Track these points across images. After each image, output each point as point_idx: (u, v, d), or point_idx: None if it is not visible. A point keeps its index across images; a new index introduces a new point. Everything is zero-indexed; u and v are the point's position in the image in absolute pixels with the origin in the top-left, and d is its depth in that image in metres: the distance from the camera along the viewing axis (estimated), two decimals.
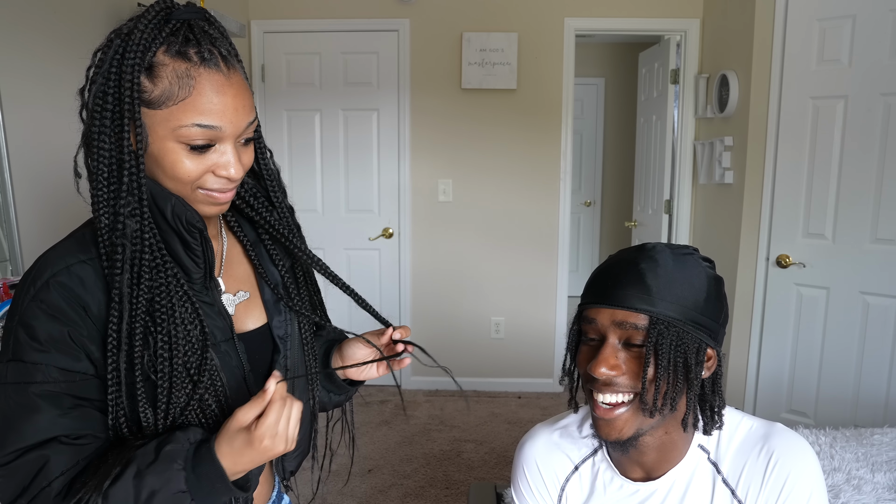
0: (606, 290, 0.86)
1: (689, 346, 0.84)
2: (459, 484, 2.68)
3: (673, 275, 0.84)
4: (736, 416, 0.94)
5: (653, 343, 0.82)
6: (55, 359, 0.71)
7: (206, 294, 0.81)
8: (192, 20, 0.73)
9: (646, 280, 0.84)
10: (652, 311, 0.83)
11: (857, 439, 1.81)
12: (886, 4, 2.41)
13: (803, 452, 0.88)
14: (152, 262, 0.74)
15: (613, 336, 0.85)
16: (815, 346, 2.73)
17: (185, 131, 0.71)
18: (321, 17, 3.50)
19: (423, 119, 3.56)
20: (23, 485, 0.68)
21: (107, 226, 0.73)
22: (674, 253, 0.87)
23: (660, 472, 0.92)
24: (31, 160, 1.87)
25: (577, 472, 1.00)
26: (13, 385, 0.70)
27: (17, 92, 1.81)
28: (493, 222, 3.64)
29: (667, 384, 0.83)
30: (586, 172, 5.98)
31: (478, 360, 3.73)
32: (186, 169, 0.74)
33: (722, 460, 0.91)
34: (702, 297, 0.85)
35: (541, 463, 1.02)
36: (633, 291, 0.84)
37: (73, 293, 0.72)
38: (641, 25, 3.49)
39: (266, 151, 0.89)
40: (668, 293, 0.83)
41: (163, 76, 0.70)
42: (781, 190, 2.76)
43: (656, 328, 0.82)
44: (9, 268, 1.75)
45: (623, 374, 0.84)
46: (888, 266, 2.49)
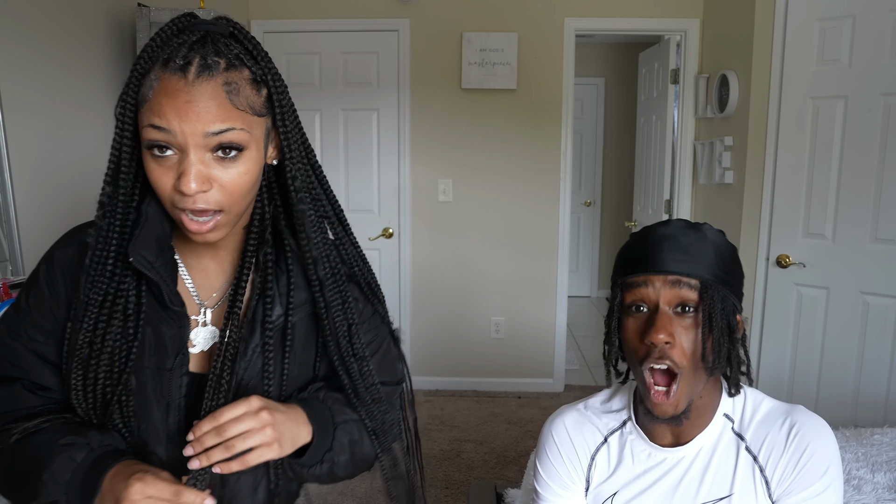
0: (654, 258, 0.89)
1: (729, 308, 0.89)
2: (459, 484, 2.68)
3: (706, 243, 0.89)
4: (759, 395, 0.98)
5: (708, 305, 0.86)
6: (31, 319, 0.81)
7: (176, 321, 0.80)
8: (211, 32, 0.74)
9: (688, 248, 0.88)
10: (702, 276, 0.87)
11: (857, 439, 1.81)
12: (886, 4, 2.41)
13: (823, 428, 0.91)
14: (114, 269, 0.77)
15: (665, 303, 0.88)
16: (815, 346, 2.73)
17: (144, 132, 0.72)
18: (321, 17, 3.50)
19: (423, 119, 3.56)
20: None
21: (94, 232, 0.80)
22: (693, 225, 0.92)
23: (688, 437, 0.95)
24: (31, 160, 1.87)
25: (606, 444, 1.02)
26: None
27: (17, 92, 1.81)
28: (493, 222, 3.64)
29: (719, 346, 0.87)
30: (586, 172, 5.98)
31: (478, 360, 3.74)
32: (155, 177, 0.74)
33: (746, 430, 0.94)
34: (730, 264, 0.91)
35: (572, 432, 1.04)
36: (681, 256, 0.88)
37: (65, 269, 0.81)
38: (641, 25, 3.49)
39: (295, 185, 0.80)
40: (708, 259, 0.88)
41: (145, 82, 0.73)
42: (781, 190, 2.76)
43: (709, 291, 0.86)
44: (9, 268, 1.75)
45: (675, 347, 0.86)
46: (888, 266, 2.49)
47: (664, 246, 0.89)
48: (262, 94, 0.77)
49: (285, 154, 0.80)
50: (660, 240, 0.90)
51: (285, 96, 0.80)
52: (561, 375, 3.74)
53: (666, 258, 0.88)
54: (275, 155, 0.82)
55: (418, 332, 3.74)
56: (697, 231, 0.91)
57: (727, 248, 0.92)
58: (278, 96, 0.79)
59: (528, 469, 1.66)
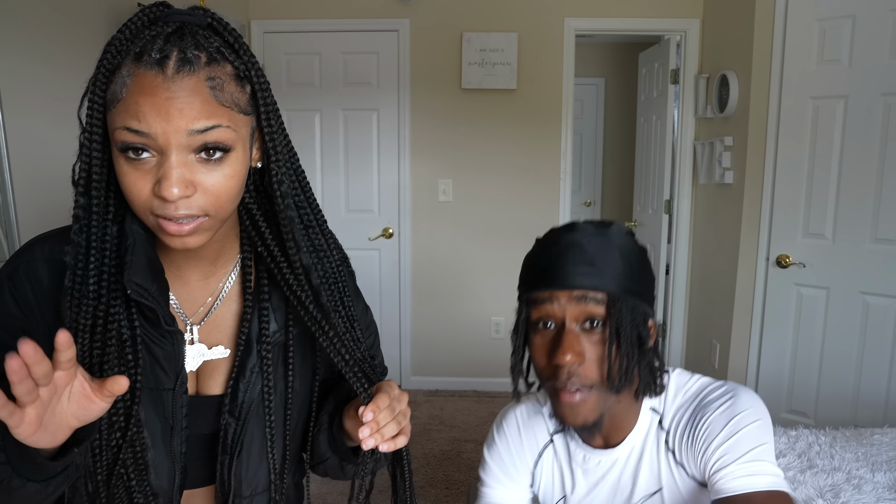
0: (558, 271, 0.84)
1: (639, 317, 0.85)
2: (459, 484, 2.68)
3: (612, 250, 0.85)
4: (684, 377, 0.96)
5: (615, 319, 0.82)
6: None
7: (169, 339, 0.74)
8: (187, 23, 0.67)
9: (594, 258, 0.84)
10: (609, 289, 0.83)
11: (857, 439, 1.81)
12: (886, 4, 2.41)
13: (730, 394, 0.89)
14: (98, 290, 0.69)
15: (572, 319, 0.84)
16: (815, 346, 2.73)
17: (117, 133, 0.64)
18: (321, 17, 3.50)
19: (423, 119, 3.56)
20: None
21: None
22: (599, 228, 0.87)
23: (617, 439, 0.95)
24: (31, 160, 1.86)
25: (551, 444, 1.02)
26: None
27: (17, 92, 1.81)
28: (494, 222, 3.64)
29: (628, 360, 0.84)
30: (586, 172, 5.98)
31: (478, 360, 3.73)
32: (129, 183, 0.65)
33: (665, 419, 0.93)
34: (637, 268, 0.86)
35: (523, 427, 1.03)
36: (586, 269, 0.83)
37: (32, 286, 0.72)
38: (641, 25, 3.49)
39: (281, 190, 0.74)
40: (615, 268, 0.84)
41: (115, 78, 0.65)
42: (781, 190, 2.76)
43: (616, 304, 0.83)
44: None
45: (584, 364, 0.84)
46: (888, 266, 2.49)
47: (568, 258, 0.84)
48: (246, 91, 0.70)
49: (270, 156, 0.73)
50: (564, 250, 0.85)
51: (269, 94, 0.72)
52: None
53: (570, 272, 0.83)
54: (258, 157, 0.75)
55: (418, 332, 3.74)
56: (603, 236, 0.85)
57: (635, 252, 0.87)
58: (262, 93, 0.71)
59: None
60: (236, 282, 0.82)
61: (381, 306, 3.73)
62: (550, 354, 0.85)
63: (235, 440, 0.79)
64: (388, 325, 3.74)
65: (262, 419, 0.80)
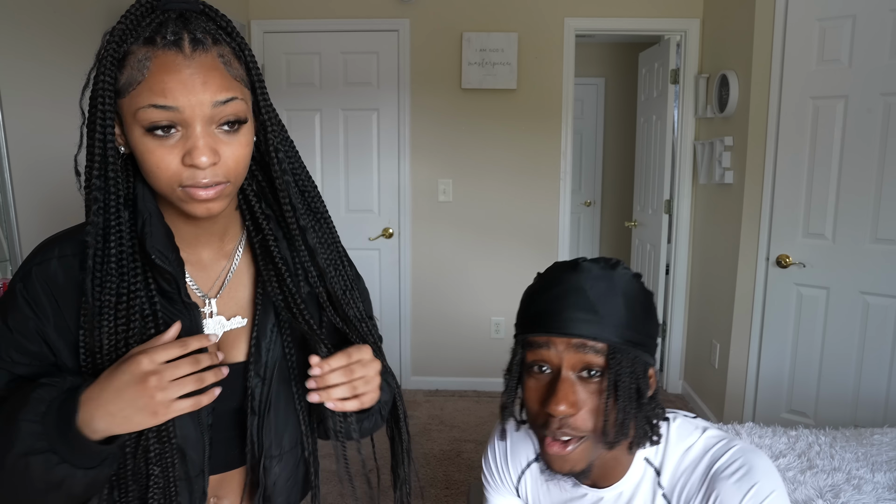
0: (557, 316, 0.80)
1: (639, 369, 0.80)
2: (459, 484, 2.68)
3: (616, 296, 0.80)
4: (685, 429, 0.91)
5: (615, 371, 0.78)
6: (13, 341, 0.74)
7: (186, 313, 0.77)
8: (184, 10, 0.72)
9: (596, 304, 0.79)
10: (610, 339, 0.79)
11: (857, 439, 1.81)
12: (886, 4, 2.41)
13: (747, 476, 0.82)
14: (119, 269, 0.73)
15: (569, 367, 0.80)
16: (815, 346, 2.73)
17: (141, 113, 0.68)
18: (321, 17, 3.50)
19: (423, 119, 3.56)
20: None
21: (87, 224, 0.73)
22: (605, 270, 0.82)
23: (605, 483, 0.92)
24: (31, 160, 1.86)
25: (536, 463, 1.01)
26: None
27: (17, 92, 1.81)
28: (494, 222, 3.64)
29: (624, 413, 0.80)
30: (586, 172, 5.98)
31: (478, 360, 3.73)
32: (155, 160, 0.70)
33: (664, 474, 0.89)
34: (641, 317, 0.81)
35: (511, 443, 1.03)
36: (587, 316, 0.79)
37: (47, 288, 0.74)
38: (641, 25, 3.49)
39: (279, 157, 0.80)
40: (617, 317, 0.79)
41: (127, 64, 0.69)
42: (781, 190, 2.76)
43: (616, 356, 0.78)
44: (9, 268, 1.75)
45: (578, 413, 0.80)
46: (888, 266, 2.49)
47: (569, 302, 0.80)
48: (244, 68, 0.77)
49: (267, 127, 0.79)
50: (565, 293, 0.81)
51: (260, 71, 0.80)
52: None
53: (570, 317, 0.79)
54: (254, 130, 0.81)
55: (418, 331, 3.74)
56: (608, 280, 0.81)
57: (640, 298, 0.82)
58: (255, 70, 0.78)
59: None
60: (244, 254, 0.86)
61: (381, 306, 3.73)
62: (543, 401, 0.81)
63: (263, 400, 0.82)
64: (388, 325, 3.74)
65: (287, 378, 0.84)
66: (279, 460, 0.85)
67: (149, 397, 0.66)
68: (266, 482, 0.85)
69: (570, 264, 0.85)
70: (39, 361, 0.74)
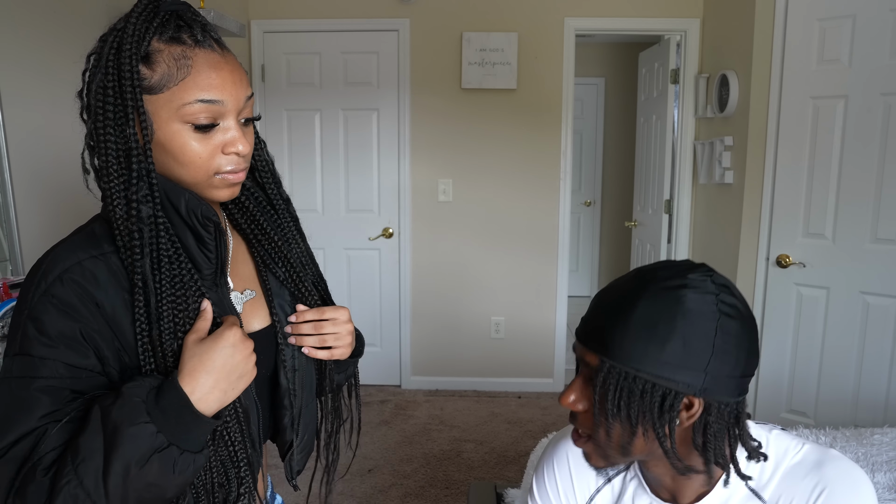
0: (580, 322, 0.84)
1: (648, 395, 0.77)
2: (459, 484, 2.68)
3: (641, 318, 0.76)
4: (784, 442, 0.88)
5: (598, 385, 0.78)
6: (63, 354, 0.70)
7: (216, 291, 0.82)
8: (180, 10, 0.76)
9: (607, 320, 0.79)
10: (602, 356, 0.78)
11: (857, 439, 1.81)
12: (886, 4, 2.41)
13: (854, 489, 0.80)
14: (168, 251, 0.75)
15: (582, 371, 0.83)
16: (815, 346, 2.73)
17: (188, 108, 0.73)
18: (321, 17, 3.50)
19: (423, 119, 3.56)
20: (17, 469, 0.67)
21: (121, 216, 0.73)
22: (658, 287, 0.78)
23: (687, 499, 0.87)
24: (31, 160, 1.86)
25: (609, 484, 0.95)
26: (17, 379, 0.69)
27: (17, 91, 1.81)
28: (493, 222, 3.64)
29: (618, 428, 0.78)
30: (586, 172, 5.98)
31: (478, 360, 3.74)
32: (196, 151, 0.75)
33: (764, 488, 0.84)
34: (675, 346, 0.75)
35: (574, 466, 0.97)
36: (590, 330, 0.81)
37: (86, 289, 0.72)
38: (641, 25, 3.49)
39: (261, 142, 0.90)
40: (626, 339, 0.77)
41: (160, 61, 0.73)
42: (781, 190, 2.76)
43: (602, 371, 0.78)
44: (9, 268, 1.75)
45: (583, 412, 0.82)
46: (888, 266, 2.49)
47: (592, 313, 0.82)
48: None
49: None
50: (597, 303, 0.82)
51: None
52: (561, 375, 3.74)
53: (584, 327, 0.83)
54: None
55: (418, 332, 3.74)
56: (657, 297, 0.77)
57: (693, 323, 0.75)
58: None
59: (528, 469, 1.66)
60: (232, 231, 0.92)
61: (381, 306, 3.73)
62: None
63: (295, 359, 0.91)
64: (388, 324, 3.74)
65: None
66: (307, 404, 0.95)
67: (246, 363, 0.74)
68: (294, 446, 0.94)
69: (632, 274, 0.83)
70: (91, 370, 0.71)
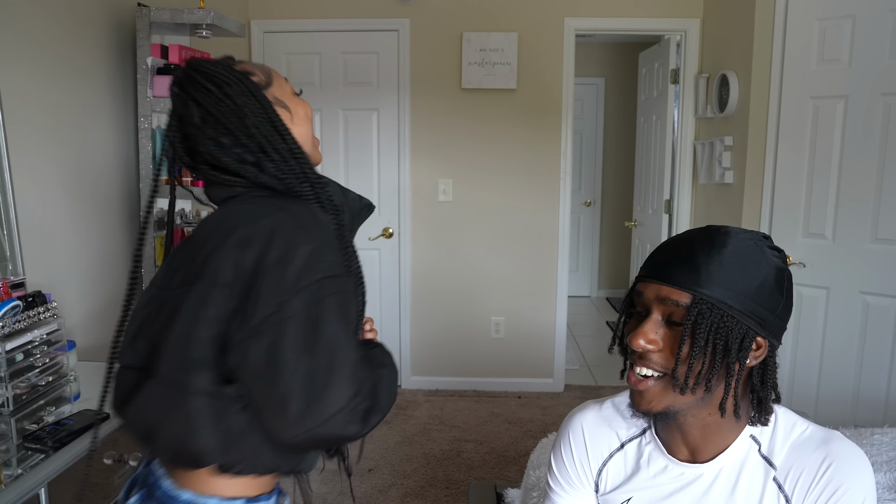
0: (657, 266, 0.87)
1: (733, 330, 0.83)
2: (459, 484, 2.68)
3: (728, 258, 0.83)
4: (791, 417, 0.93)
5: (691, 322, 0.82)
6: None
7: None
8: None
9: (696, 259, 0.84)
10: (696, 291, 0.83)
11: (857, 439, 1.81)
12: (886, 4, 2.41)
13: (860, 465, 0.85)
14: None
15: (657, 311, 0.86)
16: (815, 346, 2.73)
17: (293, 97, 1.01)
18: (321, 17, 3.50)
19: (423, 119, 3.56)
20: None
21: (315, 197, 0.93)
22: (737, 237, 0.86)
23: (706, 455, 0.91)
24: (31, 160, 1.86)
25: (622, 450, 0.99)
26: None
27: (17, 92, 1.81)
28: (493, 222, 3.64)
29: (701, 364, 0.83)
30: (586, 172, 5.98)
31: (478, 360, 3.73)
32: (308, 131, 1.01)
33: (775, 455, 0.89)
34: (755, 285, 0.83)
35: (588, 434, 1.01)
36: (681, 269, 0.84)
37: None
38: (641, 25, 3.49)
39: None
40: (718, 276, 0.83)
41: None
42: (781, 190, 2.76)
43: (697, 307, 0.82)
44: (9, 268, 1.75)
45: (659, 351, 0.85)
46: (888, 266, 2.49)
47: (672, 256, 0.87)
48: None
49: None
50: (674, 247, 0.88)
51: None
52: (561, 375, 3.74)
53: (667, 269, 0.86)
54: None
55: (418, 332, 3.74)
56: (735, 245, 0.85)
57: (767, 271, 0.85)
58: None
59: (528, 469, 1.66)
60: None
61: (381, 306, 3.73)
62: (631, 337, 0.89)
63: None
64: (388, 324, 3.74)
65: None
66: None
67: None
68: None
69: (704, 227, 0.90)
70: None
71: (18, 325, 1.53)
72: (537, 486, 1.55)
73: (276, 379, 0.78)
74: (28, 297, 1.61)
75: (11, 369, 1.48)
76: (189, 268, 0.88)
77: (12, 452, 1.29)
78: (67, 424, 1.37)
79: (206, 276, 0.84)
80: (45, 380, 1.58)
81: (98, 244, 2.17)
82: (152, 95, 2.25)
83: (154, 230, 2.30)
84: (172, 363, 0.83)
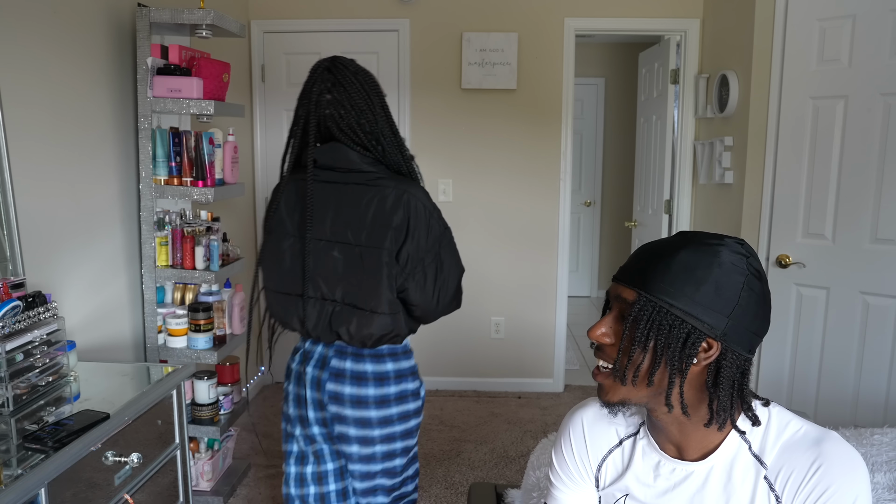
0: (621, 267, 0.94)
1: (675, 329, 0.85)
2: (459, 484, 2.68)
3: (677, 261, 0.87)
4: (786, 417, 0.93)
5: (632, 317, 0.87)
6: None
7: None
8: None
9: (648, 261, 0.89)
10: (640, 289, 0.87)
11: (857, 439, 1.81)
12: (886, 4, 2.41)
13: (851, 466, 0.85)
14: None
15: (616, 308, 0.92)
16: (815, 346, 2.73)
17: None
18: (321, 17, 3.50)
19: (423, 119, 3.56)
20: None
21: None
22: (699, 242, 0.89)
23: (693, 454, 0.93)
24: (31, 160, 1.86)
25: (620, 447, 1.02)
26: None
27: (17, 91, 1.81)
28: (493, 222, 3.64)
29: (641, 358, 0.87)
30: (586, 172, 5.98)
31: (478, 360, 3.73)
32: None
33: (766, 454, 0.89)
34: (701, 288, 0.85)
35: (588, 429, 1.04)
36: (633, 270, 0.90)
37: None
38: (641, 25, 3.49)
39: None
40: (664, 277, 0.86)
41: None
42: (781, 190, 2.76)
43: (638, 304, 0.87)
44: (9, 268, 1.75)
45: (612, 345, 0.91)
46: (888, 266, 2.49)
47: (631, 259, 0.93)
48: None
49: None
50: (637, 252, 0.94)
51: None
52: (561, 375, 3.74)
53: (623, 270, 0.93)
54: None
55: (418, 331, 3.73)
56: (694, 249, 0.87)
57: (721, 275, 0.85)
58: None
59: (528, 469, 1.66)
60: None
61: None
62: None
63: None
64: None
65: None
66: None
67: None
68: None
69: (676, 234, 0.95)
70: None
71: (18, 326, 1.53)
72: (538, 487, 1.55)
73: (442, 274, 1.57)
74: (28, 298, 1.61)
75: (11, 369, 1.48)
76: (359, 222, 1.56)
77: (12, 452, 1.29)
78: (67, 424, 1.37)
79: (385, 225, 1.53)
80: (45, 380, 1.58)
81: (98, 244, 2.17)
82: (152, 95, 2.25)
83: (154, 230, 2.30)
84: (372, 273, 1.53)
